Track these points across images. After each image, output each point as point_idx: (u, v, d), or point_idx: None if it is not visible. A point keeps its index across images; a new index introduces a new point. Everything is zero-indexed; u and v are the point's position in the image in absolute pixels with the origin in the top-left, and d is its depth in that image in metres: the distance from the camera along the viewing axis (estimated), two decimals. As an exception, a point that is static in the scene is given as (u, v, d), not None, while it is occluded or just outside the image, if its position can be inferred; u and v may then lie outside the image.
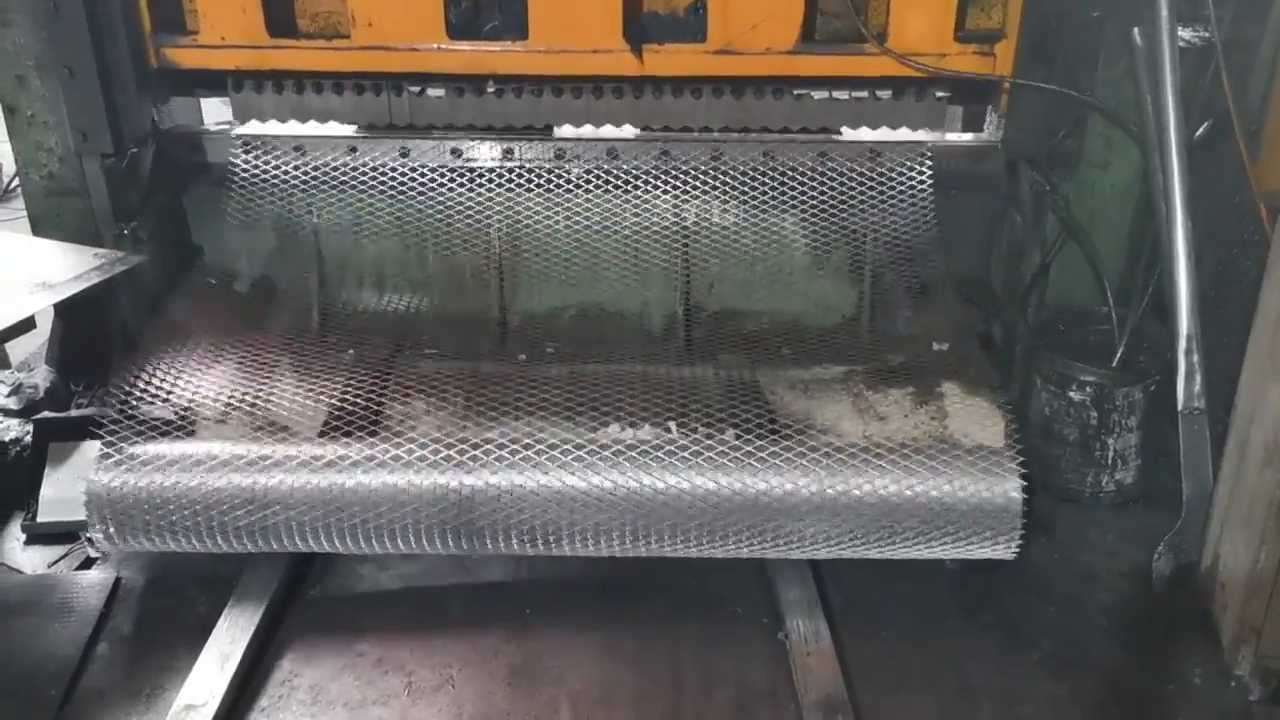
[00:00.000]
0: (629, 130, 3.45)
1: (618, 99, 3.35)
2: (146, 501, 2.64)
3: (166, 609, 2.83)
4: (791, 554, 2.71)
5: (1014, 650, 2.73)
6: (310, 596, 2.88)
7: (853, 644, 2.69)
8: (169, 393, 2.87)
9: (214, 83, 3.41)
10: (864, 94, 3.36)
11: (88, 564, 2.97)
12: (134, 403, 2.80)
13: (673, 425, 2.81)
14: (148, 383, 2.88)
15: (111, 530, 2.66)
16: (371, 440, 2.73)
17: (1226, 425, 2.78)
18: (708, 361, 3.25)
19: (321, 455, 2.68)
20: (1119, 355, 3.16)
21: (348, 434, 2.77)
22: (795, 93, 3.35)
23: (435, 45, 3.26)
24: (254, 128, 3.47)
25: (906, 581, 2.87)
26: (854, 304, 3.47)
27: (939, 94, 3.34)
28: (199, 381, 2.96)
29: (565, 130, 3.45)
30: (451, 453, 2.68)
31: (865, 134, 3.43)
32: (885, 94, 3.34)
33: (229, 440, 2.73)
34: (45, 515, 3.07)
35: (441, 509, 2.64)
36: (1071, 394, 3.14)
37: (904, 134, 3.42)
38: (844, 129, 3.45)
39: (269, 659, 2.66)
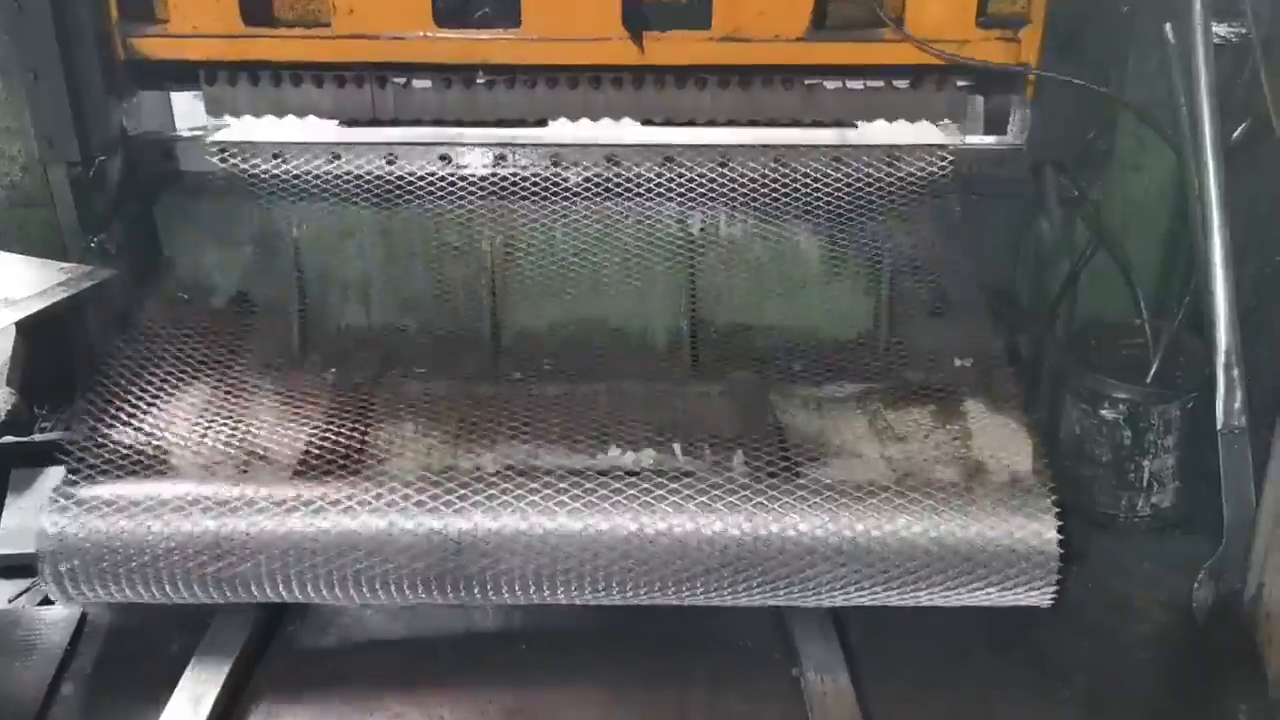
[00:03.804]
0: (629, 133, 3.44)
1: (617, 90, 3.33)
2: (104, 547, 2.58)
3: (135, 648, 2.81)
4: (806, 602, 2.67)
5: (1045, 687, 2.72)
6: (289, 635, 2.86)
7: (873, 682, 2.68)
8: (136, 421, 2.85)
9: (185, 75, 3.39)
10: (880, 84, 3.34)
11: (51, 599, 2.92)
12: (99, 433, 2.77)
13: (677, 448, 2.81)
14: (114, 411, 2.85)
15: (65, 578, 2.60)
16: (354, 477, 2.69)
17: (1270, 444, 2.74)
18: (715, 380, 3.24)
19: (299, 495, 2.63)
20: (1154, 370, 3.14)
21: (328, 468, 2.73)
22: (806, 83, 3.34)
23: (421, 33, 3.24)
24: (230, 133, 3.46)
25: (930, 614, 2.82)
26: (870, 317, 3.46)
27: (960, 83, 3.32)
28: (168, 409, 2.93)
29: (562, 135, 3.44)
30: (439, 490, 2.63)
31: (882, 134, 3.43)
32: (902, 84, 3.33)
33: (196, 479, 2.69)
34: (6, 547, 3.05)
35: (429, 552, 2.59)
36: (1104, 412, 3.14)
37: (924, 135, 3.42)
38: (860, 124, 3.46)
39: (244, 703, 2.64)
